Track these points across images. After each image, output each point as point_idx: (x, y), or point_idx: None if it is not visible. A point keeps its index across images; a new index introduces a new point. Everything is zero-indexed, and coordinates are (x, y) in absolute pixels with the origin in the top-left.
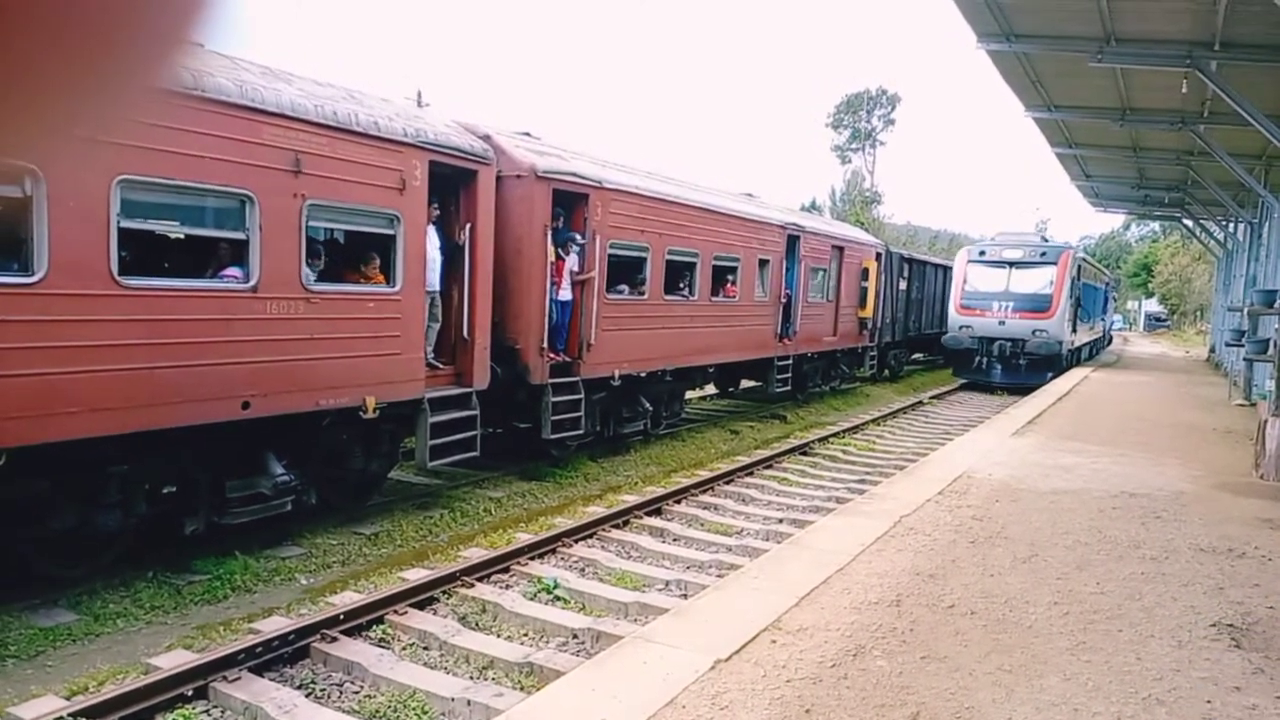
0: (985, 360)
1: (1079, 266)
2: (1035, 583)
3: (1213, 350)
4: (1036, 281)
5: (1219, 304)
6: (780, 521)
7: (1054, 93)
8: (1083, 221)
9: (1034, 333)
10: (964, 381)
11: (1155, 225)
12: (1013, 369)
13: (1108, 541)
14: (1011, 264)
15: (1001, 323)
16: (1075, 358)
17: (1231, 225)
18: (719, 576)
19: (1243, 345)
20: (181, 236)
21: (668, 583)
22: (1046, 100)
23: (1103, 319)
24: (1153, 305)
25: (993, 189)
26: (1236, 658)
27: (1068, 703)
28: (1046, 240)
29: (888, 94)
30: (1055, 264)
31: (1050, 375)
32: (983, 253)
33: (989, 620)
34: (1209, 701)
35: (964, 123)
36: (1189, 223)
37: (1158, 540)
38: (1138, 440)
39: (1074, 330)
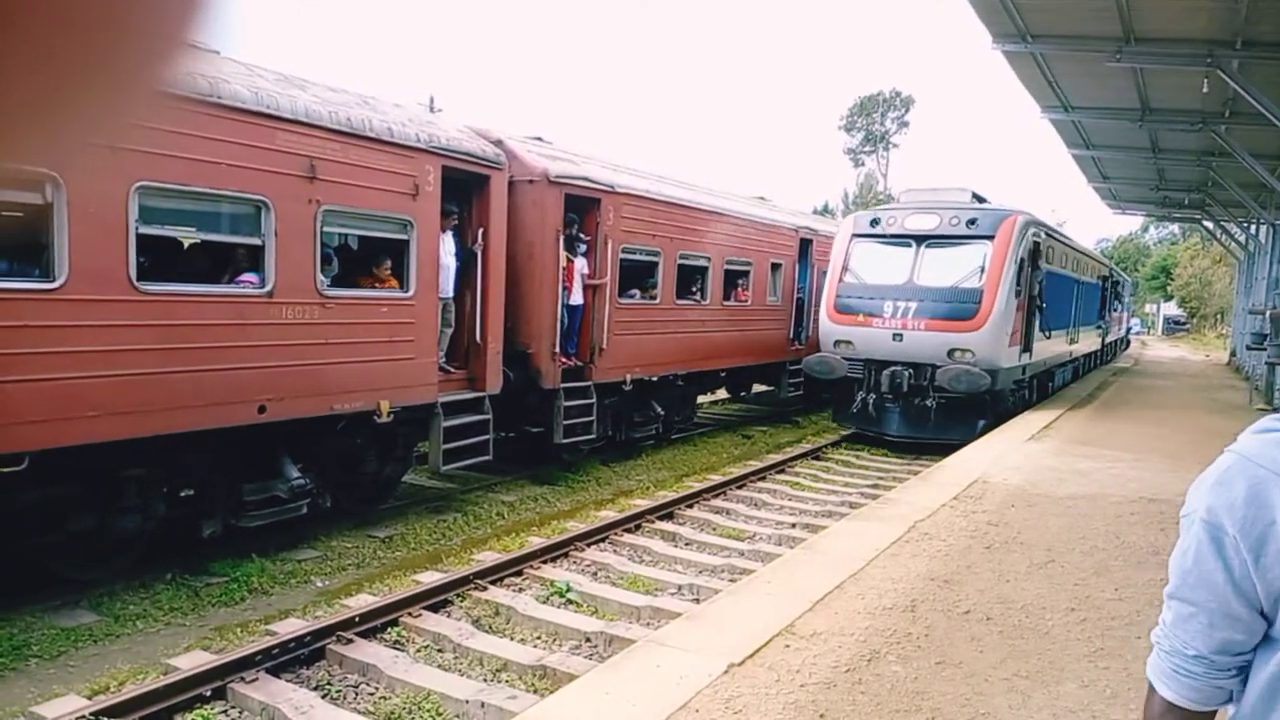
0: (871, 399)
1: (1035, 244)
2: (1052, 588)
3: (1233, 354)
4: (957, 268)
5: (1240, 307)
6: (793, 526)
7: (1071, 94)
8: (1101, 224)
9: (950, 353)
10: (851, 430)
11: (1174, 227)
12: (917, 415)
13: (1126, 547)
14: (919, 239)
15: (897, 336)
16: (1035, 391)
17: (1253, 227)
18: (731, 581)
19: (1264, 349)
20: (198, 242)
21: (680, 587)
22: (1063, 101)
23: (1101, 324)
24: (1172, 308)
25: (1008, 191)
26: None
27: (1085, 709)
28: (982, 202)
29: (901, 96)
30: (991, 239)
31: (983, 424)
32: (875, 221)
33: (1005, 626)
34: None
35: (979, 125)
36: (1209, 224)
37: None
38: (1156, 445)
39: (1027, 349)
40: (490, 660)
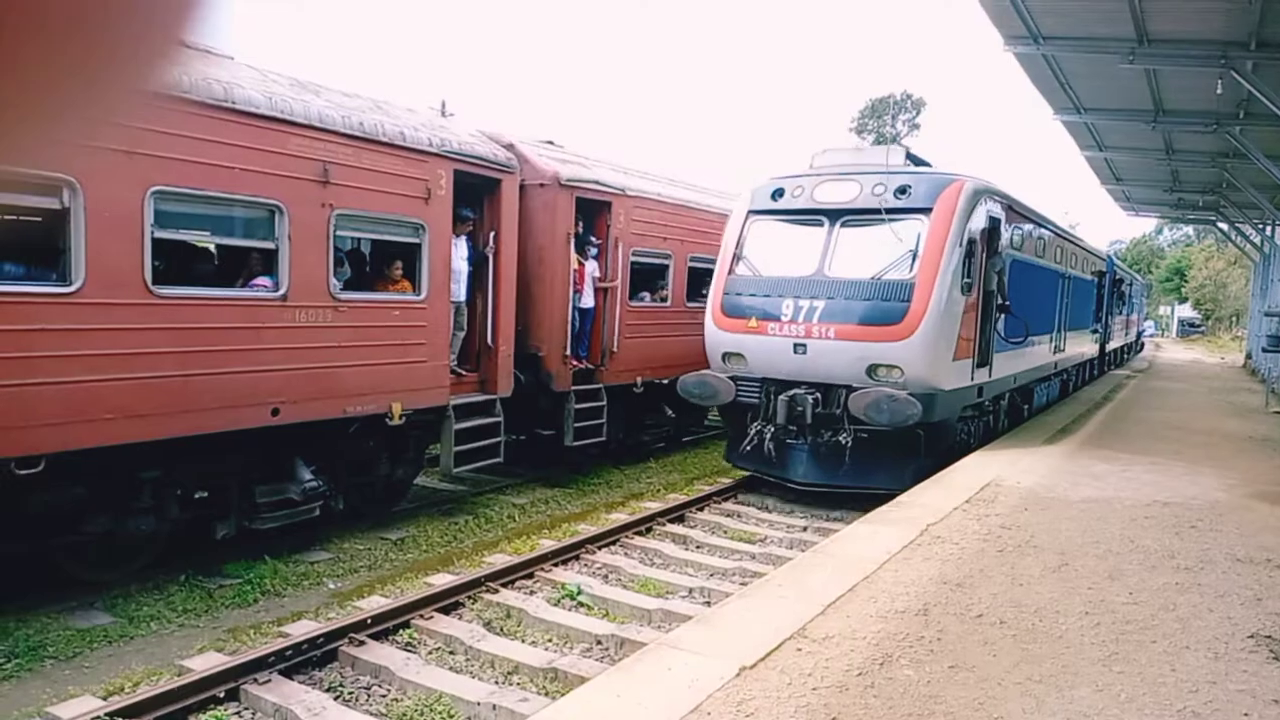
0: (769, 432)
1: (992, 222)
2: (1066, 592)
3: (1249, 356)
4: (882, 253)
5: (1255, 309)
6: (804, 529)
7: (1083, 95)
8: (1114, 226)
9: (871, 371)
10: (749, 473)
11: (1188, 229)
12: (829, 456)
13: (1140, 551)
14: (833, 215)
15: (800, 348)
16: (1001, 416)
17: (1269, 228)
18: (743, 584)
19: None
20: (213, 247)
21: (691, 590)
22: (1076, 103)
23: (1098, 328)
24: (1186, 310)
25: (1020, 193)
26: (1275, 670)
27: (1100, 714)
28: (919, 164)
29: (912, 98)
30: (927, 213)
31: (914, 468)
32: (777, 193)
33: (1018, 630)
34: (1246, 715)
35: (990, 127)
36: (1224, 226)
37: (1193, 550)
38: (1171, 448)
39: (984, 363)
40: (502, 662)
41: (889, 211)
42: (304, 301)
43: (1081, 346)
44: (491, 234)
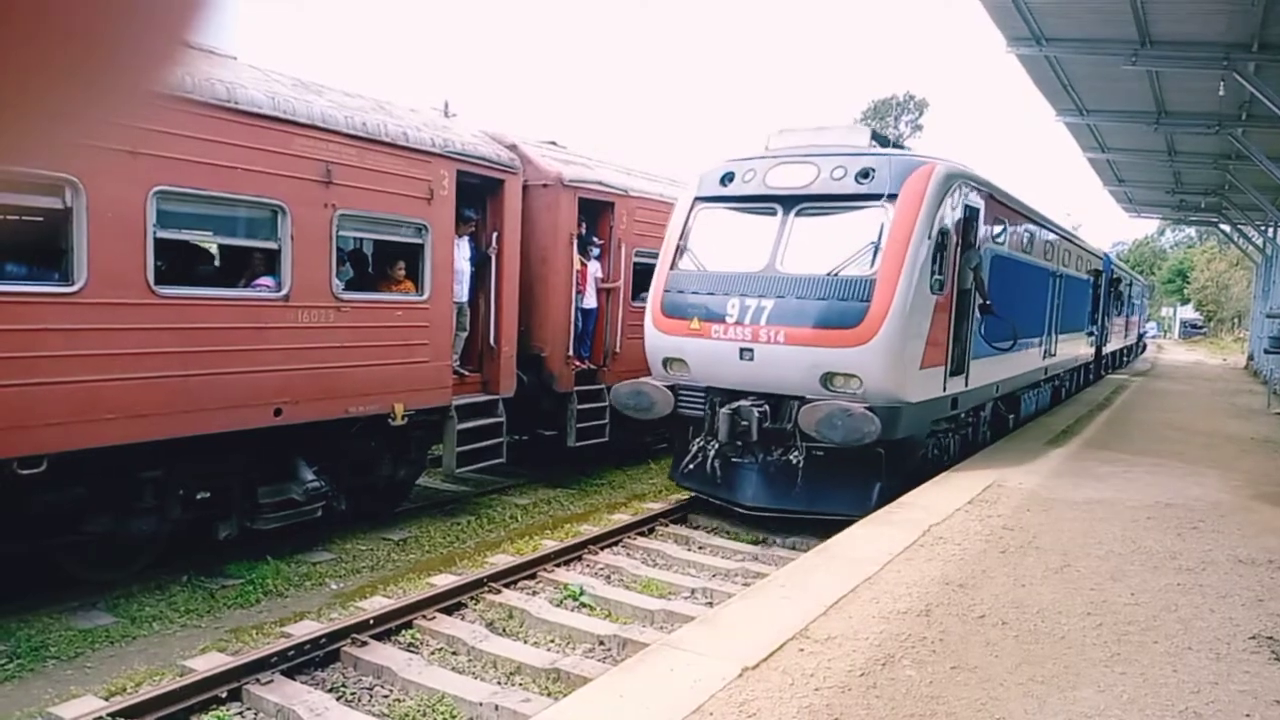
0: (713, 448)
1: (969, 212)
2: (1068, 593)
3: (1251, 358)
4: (839, 246)
5: (1258, 311)
6: (806, 531)
7: (1086, 97)
8: (1116, 227)
9: (826, 380)
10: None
11: (1191, 231)
12: (781, 476)
13: (1142, 552)
14: (787, 202)
15: (746, 353)
16: (980, 429)
17: (1271, 230)
18: (745, 585)
19: None
20: (215, 247)
21: (694, 590)
22: (1078, 104)
23: (1094, 330)
24: (1188, 312)
25: (1023, 194)
26: (1277, 671)
27: (1102, 715)
28: (886, 144)
29: (915, 99)
30: (891, 200)
31: (880, 487)
32: (727, 178)
33: (1020, 631)
34: (1248, 715)
35: (992, 128)
36: (1226, 228)
37: (1195, 551)
38: (1173, 449)
39: (959, 370)
40: (504, 663)
41: (850, 198)
42: (306, 302)
43: (1075, 350)
44: (494, 234)
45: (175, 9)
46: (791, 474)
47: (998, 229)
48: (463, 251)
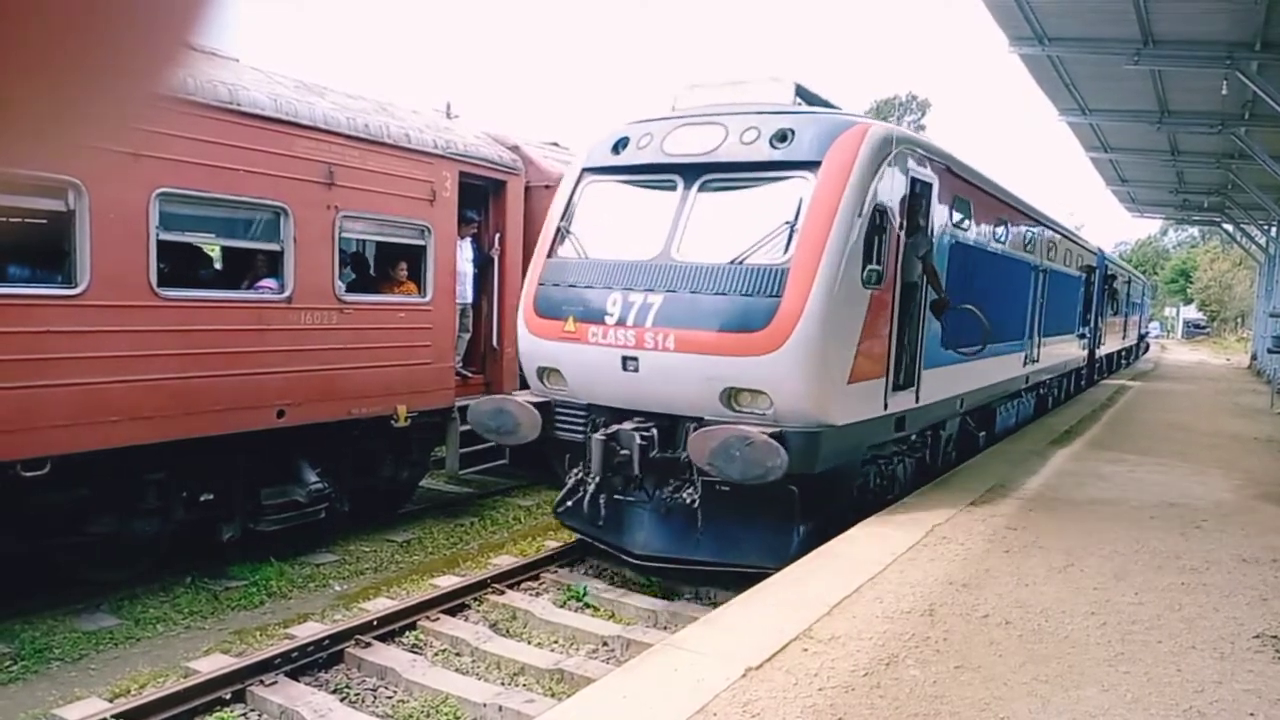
0: (593, 483)
1: (916, 185)
2: (1071, 593)
3: (1254, 358)
4: (748, 227)
5: (1261, 310)
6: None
7: (1088, 96)
8: (1119, 227)
9: (729, 397)
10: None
11: (1194, 230)
12: (680, 517)
13: (1146, 551)
14: (689, 173)
15: (630, 362)
16: (943, 450)
17: (1274, 229)
18: (749, 585)
19: None
20: (218, 249)
21: (697, 591)
22: (1081, 104)
23: (1086, 332)
24: (1191, 312)
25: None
26: None
27: (1106, 714)
28: (815, 102)
29: (917, 99)
30: (813, 168)
31: (803, 529)
32: (620, 145)
33: (1024, 630)
34: (1252, 715)
35: (995, 128)
36: (1229, 227)
37: (1198, 551)
38: (1177, 449)
39: (906, 384)
40: (508, 664)
41: (763, 167)
42: (309, 304)
43: (1064, 354)
44: (496, 236)
45: (177, 10)
46: (687, 517)
47: (960, 213)
48: (465, 253)
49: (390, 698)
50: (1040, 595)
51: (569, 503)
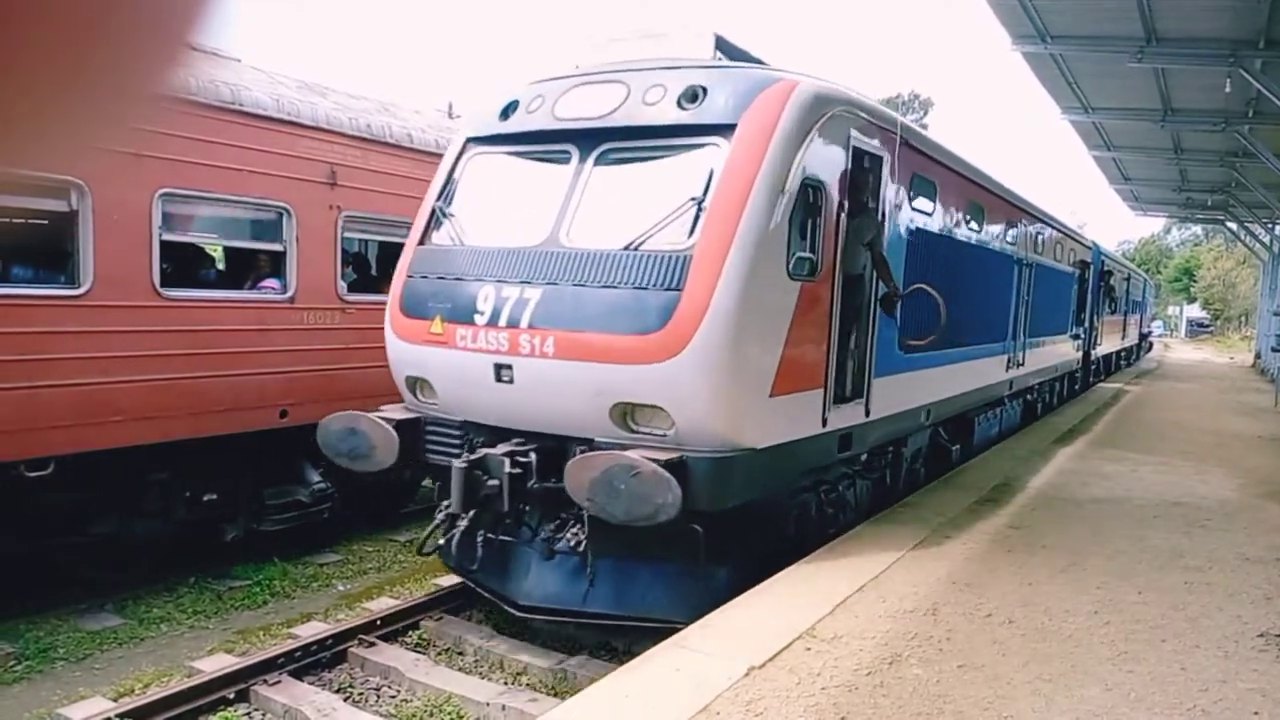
0: (463, 521)
1: (872, 162)
2: (1075, 592)
3: (1258, 356)
4: (649, 205)
5: (1265, 309)
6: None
7: (1091, 94)
8: (1122, 226)
9: (620, 416)
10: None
11: (1197, 229)
12: (570, 560)
13: (1150, 551)
14: (583, 141)
15: (503, 370)
16: (898, 478)
17: (1278, 228)
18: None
19: None
20: (220, 249)
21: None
22: (1083, 102)
23: (1080, 332)
24: (1195, 311)
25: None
26: None
27: (1110, 713)
28: (734, 57)
29: (920, 98)
30: (727, 133)
31: (723, 574)
32: (509, 110)
33: (1027, 629)
34: (1257, 713)
35: (997, 127)
36: (1233, 226)
37: (1202, 549)
38: (1180, 448)
39: (852, 395)
40: (511, 663)
41: (669, 132)
42: (312, 303)
43: (1055, 356)
44: None
45: (179, 10)
46: (577, 562)
47: (921, 195)
48: None
49: (394, 697)
50: (1043, 594)
51: (440, 542)
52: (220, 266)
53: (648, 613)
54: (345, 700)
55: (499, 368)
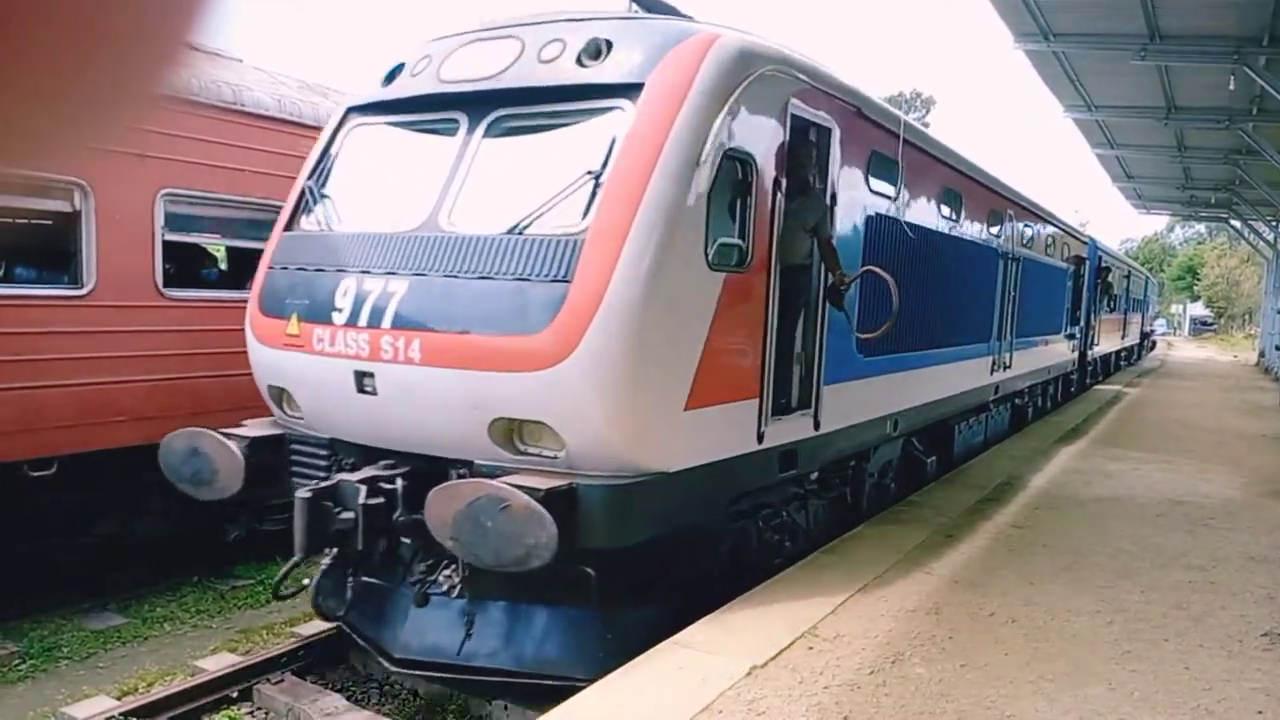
0: (327, 559)
1: (819, 133)
2: (1077, 591)
3: (1262, 354)
4: (541, 180)
5: (1268, 307)
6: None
7: (1094, 92)
8: (1125, 224)
9: (499, 434)
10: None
11: (1201, 227)
12: (449, 606)
13: (1153, 550)
14: (472, 107)
15: (364, 379)
16: (861, 497)
17: None
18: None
19: None
20: (223, 249)
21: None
22: (1086, 100)
23: (1075, 332)
24: (1198, 309)
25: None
26: None
27: (1113, 712)
28: (652, 10)
29: (922, 97)
30: (633, 93)
31: (632, 618)
32: (394, 74)
33: (1030, 628)
34: (1261, 713)
35: (1000, 125)
36: (1237, 223)
37: (1205, 548)
38: (1184, 447)
39: (800, 402)
40: None
41: (566, 94)
42: None
43: (1047, 357)
44: None
45: (180, 10)
46: (457, 612)
47: (881, 177)
48: None
49: (397, 696)
50: (1046, 593)
51: (300, 584)
52: (223, 266)
53: (538, 668)
54: (348, 699)
55: (360, 375)
